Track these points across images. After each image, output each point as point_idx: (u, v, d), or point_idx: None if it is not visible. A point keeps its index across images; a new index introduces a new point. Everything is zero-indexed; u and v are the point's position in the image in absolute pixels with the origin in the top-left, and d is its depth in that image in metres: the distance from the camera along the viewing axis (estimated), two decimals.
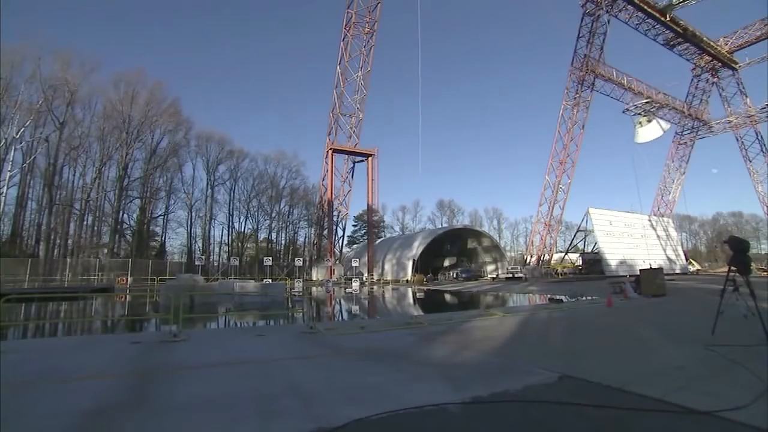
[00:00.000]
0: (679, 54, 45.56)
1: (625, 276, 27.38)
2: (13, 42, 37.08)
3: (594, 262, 39.12)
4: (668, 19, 39.24)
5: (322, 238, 45.71)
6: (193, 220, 52.50)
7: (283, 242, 61.46)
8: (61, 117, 39.49)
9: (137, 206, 46.81)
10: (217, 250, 55.84)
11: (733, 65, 47.51)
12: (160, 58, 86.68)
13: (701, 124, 49.76)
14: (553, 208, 41.53)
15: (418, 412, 3.06)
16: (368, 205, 44.64)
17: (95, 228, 43.27)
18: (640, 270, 18.00)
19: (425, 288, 32.51)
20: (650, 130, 44.25)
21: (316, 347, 6.01)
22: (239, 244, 56.53)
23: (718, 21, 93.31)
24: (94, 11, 77.39)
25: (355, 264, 36.94)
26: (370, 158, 42.10)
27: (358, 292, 23.47)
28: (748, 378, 3.91)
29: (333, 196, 41.96)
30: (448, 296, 25.00)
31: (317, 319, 12.11)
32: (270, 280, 29.29)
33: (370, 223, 47.47)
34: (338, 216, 44.77)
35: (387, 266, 45.01)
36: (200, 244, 52.32)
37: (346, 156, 43.26)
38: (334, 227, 44.58)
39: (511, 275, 39.12)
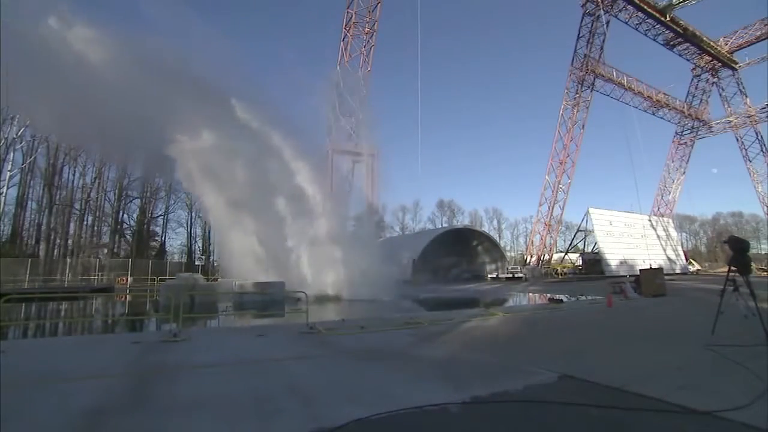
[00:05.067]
0: (679, 54, 45.55)
1: (625, 276, 27.38)
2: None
3: (594, 262, 39.11)
4: (668, 19, 39.25)
5: None
6: (193, 220, 52.41)
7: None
8: None
9: (137, 206, 46.80)
10: (217, 249, 55.82)
11: (733, 65, 47.50)
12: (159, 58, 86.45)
13: (701, 124, 49.76)
14: (553, 208, 41.53)
15: (418, 412, 3.06)
16: (368, 205, 44.64)
17: (95, 228, 43.28)
18: (640, 270, 17.99)
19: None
20: None
21: (316, 347, 6.01)
22: None
23: (718, 21, 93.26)
24: (92, 9, 77.34)
25: None
26: (370, 158, 42.11)
27: None
28: (748, 378, 3.91)
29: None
30: (447, 296, 24.97)
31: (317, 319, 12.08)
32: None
33: (371, 223, 47.45)
34: None
35: None
36: (200, 244, 52.27)
37: (346, 156, 43.28)
38: None
39: (511, 275, 39.08)
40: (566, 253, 48.90)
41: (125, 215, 46.01)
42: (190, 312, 12.42)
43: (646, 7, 38.00)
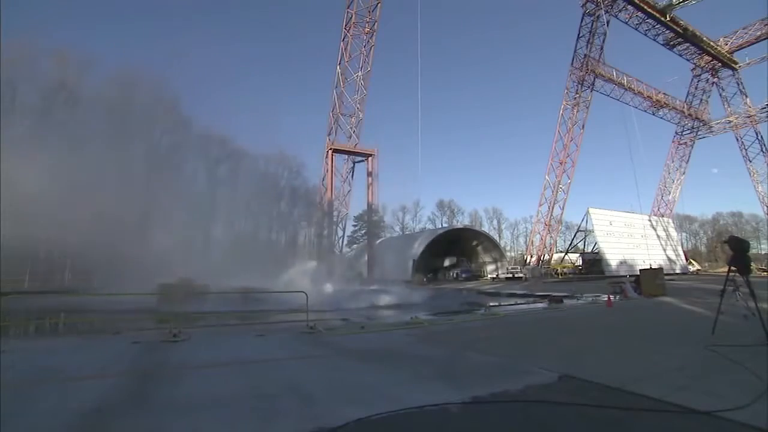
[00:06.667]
0: (679, 54, 45.51)
1: (625, 276, 27.36)
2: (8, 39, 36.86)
3: (594, 262, 39.11)
4: (668, 19, 39.22)
5: (322, 238, 45.66)
6: None
7: (283, 242, 61.36)
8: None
9: None
10: None
11: (733, 65, 47.46)
12: (159, 58, 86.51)
13: (701, 124, 49.72)
14: (553, 208, 41.48)
15: (418, 412, 3.06)
16: (368, 205, 44.64)
17: None
18: (640, 270, 17.98)
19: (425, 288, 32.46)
20: None
21: (316, 347, 6.01)
22: None
23: (718, 21, 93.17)
24: (92, 8, 77.27)
25: None
26: (370, 158, 42.11)
27: None
28: (748, 378, 3.91)
29: (333, 196, 41.94)
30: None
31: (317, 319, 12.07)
32: None
33: (370, 223, 47.48)
34: (338, 216, 44.76)
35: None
36: None
37: (346, 156, 43.26)
38: (334, 227, 44.56)
39: (511, 275, 39.10)
40: (566, 253, 48.92)
41: None
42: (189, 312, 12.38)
43: (646, 7, 37.97)
